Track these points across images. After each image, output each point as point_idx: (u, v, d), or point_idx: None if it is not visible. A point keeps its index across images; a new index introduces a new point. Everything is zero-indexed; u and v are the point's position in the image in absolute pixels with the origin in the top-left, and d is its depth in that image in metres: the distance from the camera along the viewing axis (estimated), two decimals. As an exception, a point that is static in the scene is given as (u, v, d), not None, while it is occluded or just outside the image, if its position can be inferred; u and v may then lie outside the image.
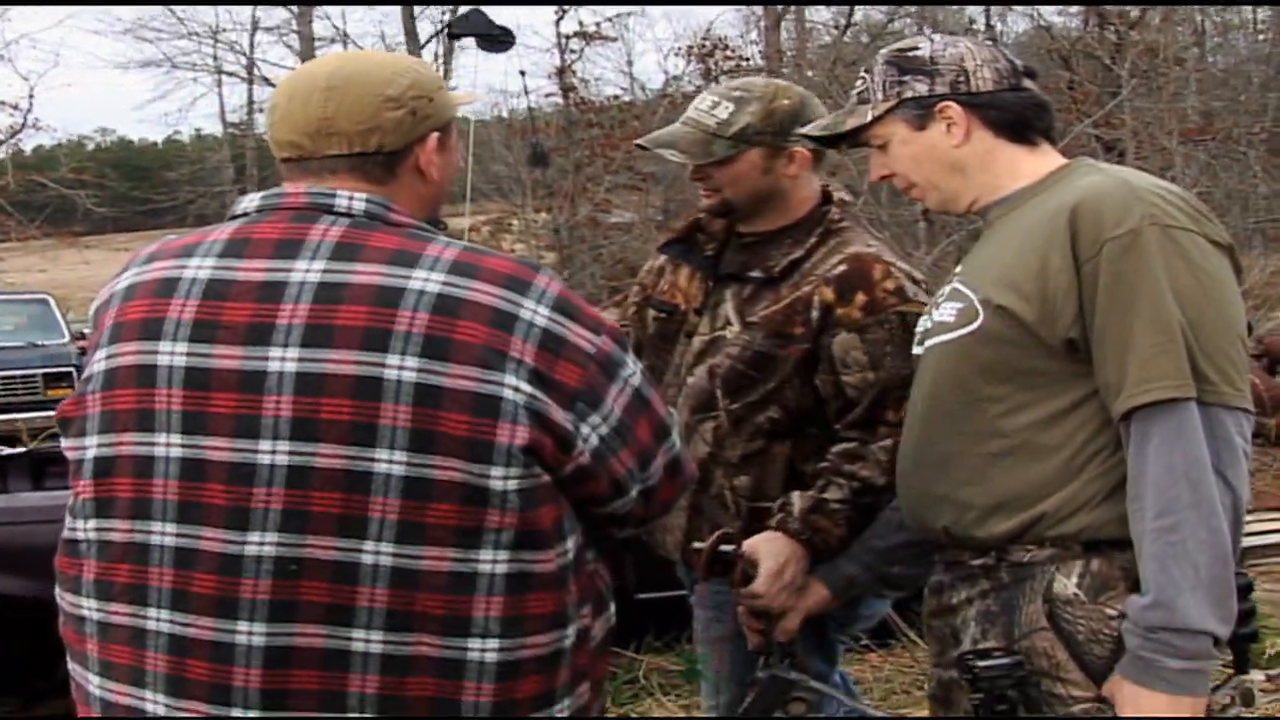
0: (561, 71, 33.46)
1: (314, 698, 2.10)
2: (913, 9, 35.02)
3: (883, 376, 3.31)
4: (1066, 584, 2.51)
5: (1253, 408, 2.42)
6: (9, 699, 6.07)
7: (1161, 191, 2.45)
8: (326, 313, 2.11)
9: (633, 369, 2.27)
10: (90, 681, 2.23)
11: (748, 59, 31.95)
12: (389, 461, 2.07)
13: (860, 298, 3.36)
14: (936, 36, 2.80)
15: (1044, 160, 2.71)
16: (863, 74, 2.86)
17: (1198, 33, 29.26)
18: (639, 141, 3.58)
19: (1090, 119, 20.66)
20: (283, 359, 2.10)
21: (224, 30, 40.72)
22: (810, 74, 31.69)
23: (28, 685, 6.00)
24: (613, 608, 2.36)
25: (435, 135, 2.33)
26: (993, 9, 35.15)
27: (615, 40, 37.80)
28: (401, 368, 2.07)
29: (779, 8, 33.42)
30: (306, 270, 2.15)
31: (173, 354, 2.15)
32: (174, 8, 39.60)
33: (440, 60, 38.46)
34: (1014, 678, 2.47)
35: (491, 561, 2.11)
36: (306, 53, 38.23)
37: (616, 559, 2.23)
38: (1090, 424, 2.47)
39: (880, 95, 2.77)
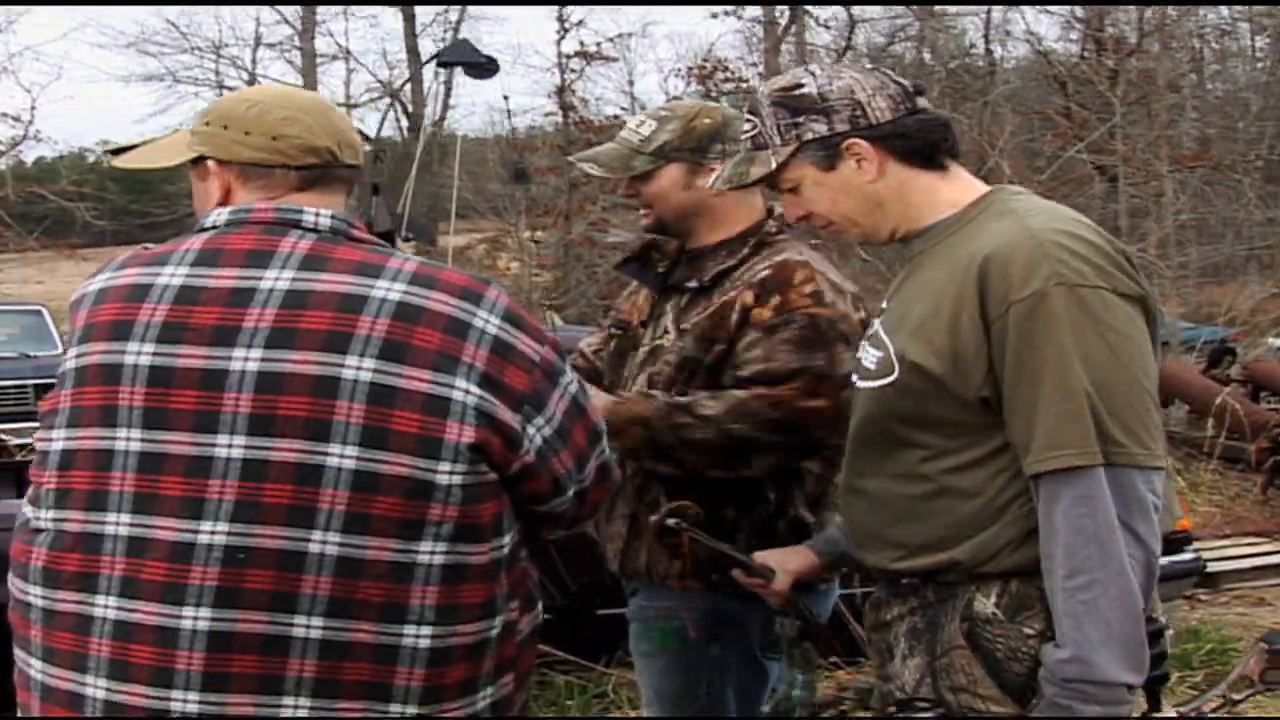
0: (561, 90, 33.62)
1: (253, 681, 2.18)
2: (913, 32, 35.24)
3: (772, 367, 3.33)
4: (985, 604, 2.52)
5: (1164, 463, 2.43)
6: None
7: (1069, 243, 2.43)
8: (292, 317, 2.22)
9: (570, 378, 2.40)
10: (32, 666, 2.29)
11: (746, 80, 32.07)
12: (340, 456, 2.17)
13: (775, 299, 3.38)
14: (818, 70, 2.72)
15: (960, 187, 2.68)
16: (749, 116, 2.79)
17: (1196, 59, 29.29)
18: (570, 158, 3.63)
19: (1080, 145, 20.64)
20: (245, 359, 2.21)
21: (226, 45, 40.81)
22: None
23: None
24: (540, 605, 2.45)
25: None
26: (992, 34, 35.37)
27: (616, 60, 38.02)
28: (359, 368, 2.19)
29: (779, 30, 33.56)
30: (276, 278, 2.27)
31: (139, 354, 2.24)
32: (177, 23, 39.67)
33: (441, 79, 38.57)
34: None
35: (430, 552, 2.21)
36: (308, 69, 38.31)
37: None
38: (1008, 471, 2.47)
39: (778, 140, 2.70)
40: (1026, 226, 2.47)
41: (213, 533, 2.18)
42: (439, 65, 3.91)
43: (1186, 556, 7.35)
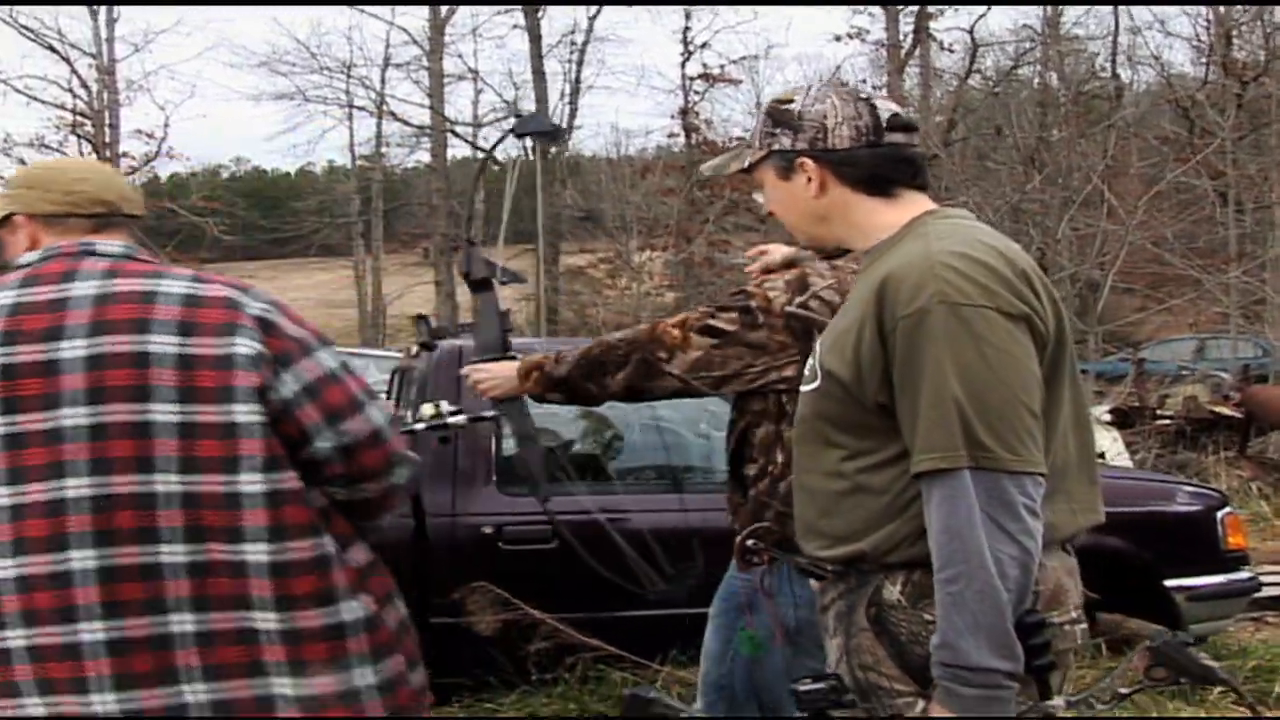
0: (684, 112, 33.85)
1: (140, 605, 2.67)
2: (1038, 53, 35.03)
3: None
4: (892, 591, 2.70)
5: (1037, 468, 2.56)
6: None
7: (959, 264, 2.58)
8: (104, 311, 2.77)
9: (328, 357, 2.89)
10: None
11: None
12: (164, 412, 2.69)
13: None
14: (813, 89, 2.93)
15: (903, 211, 2.85)
16: (757, 117, 3.08)
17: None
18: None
19: (1180, 170, 20.45)
20: (73, 348, 2.72)
21: (355, 65, 41.57)
22: (937, 118, 31.82)
23: None
24: (363, 542, 2.95)
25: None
26: (1119, 59, 35.07)
27: (740, 82, 38.24)
28: (164, 344, 2.72)
29: (902, 54, 33.54)
30: (85, 286, 2.82)
31: None
32: (308, 44, 40.37)
33: (567, 98, 39.01)
34: (829, 699, 2.70)
35: (250, 481, 2.71)
36: (435, 89, 38.82)
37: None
38: (909, 473, 2.62)
39: (757, 143, 2.97)
40: (927, 248, 2.66)
41: (78, 487, 2.67)
42: (516, 137, 4.19)
43: (1242, 575, 7.40)
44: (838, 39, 34.98)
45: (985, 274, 2.59)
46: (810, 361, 2.91)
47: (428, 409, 4.81)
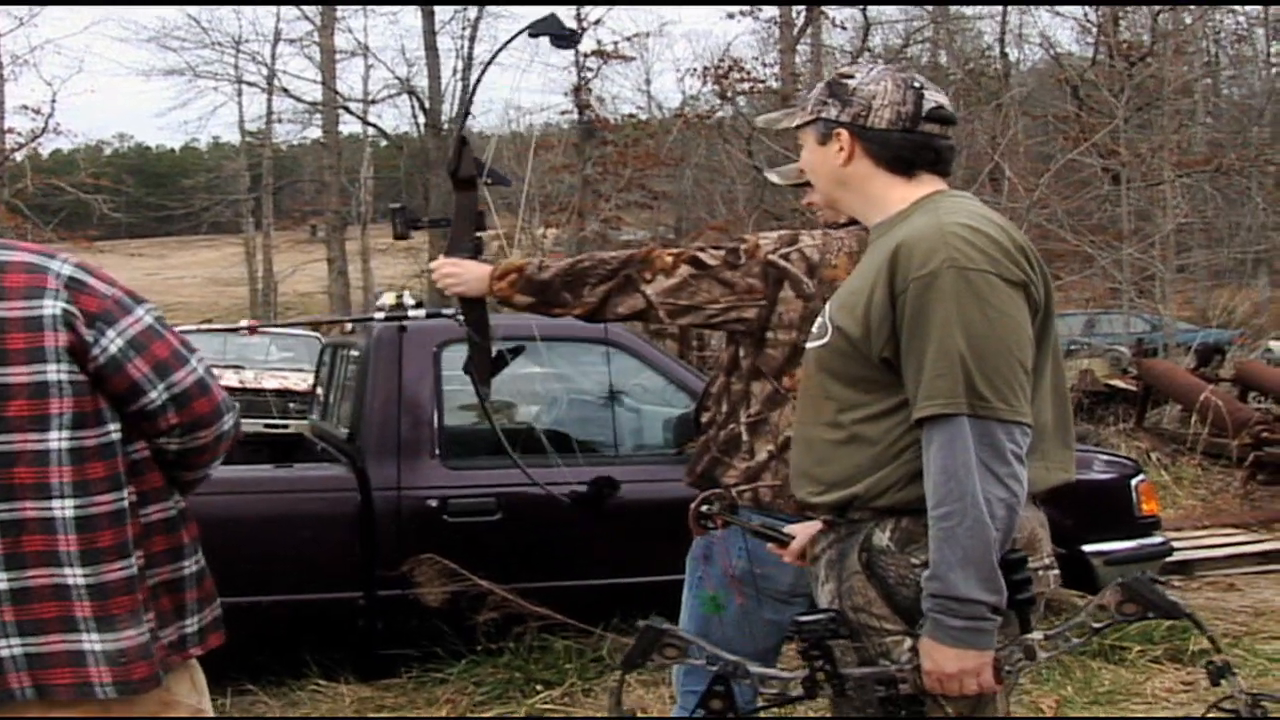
0: (578, 89, 33.82)
1: None
2: (928, 33, 35.41)
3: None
4: (881, 537, 2.95)
5: (1026, 419, 2.83)
6: None
7: (967, 234, 2.85)
8: None
9: (144, 312, 2.91)
10: None
11: (763, 81, 32.24)
12: None
13: None
14: (874, 70, 3.16)
15: (914, 190, 3.10)
16: (815, 85, 3.33)
17: (1210, 65, 29.41)
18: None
19: (1080, 148, 20.82)
20: None
21: (247, 40, 41.20)
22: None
23: None
24: (175, 498, 3.04)
25: None
26: (1007, 38, 35.53)
27: (633, 59, 38.22)
28: None
29: (794, 31, 33.72)
30: None
31: None
32: (198, 18, 39.90)
33: (459, 75, 38.88)
34: (828, 629, 2.93)
35: (58, 439, 2.76)
36: (327, 64, 38.57)
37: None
38: (905, 423, 2.89)
39: (809, 108, 3.19)
40: (938, 220, 2.91)
41: None
42: (530, 35, 4.22)
43: (1155, 540, 7.71)
44: (730, 16, 34.92)
45: (990, 244, 2.84)
46: (820, 319, 3.13)
47: (389, 297, 4.84)
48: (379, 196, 45.05)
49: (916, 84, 3.12)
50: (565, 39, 4.28)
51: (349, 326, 7.63)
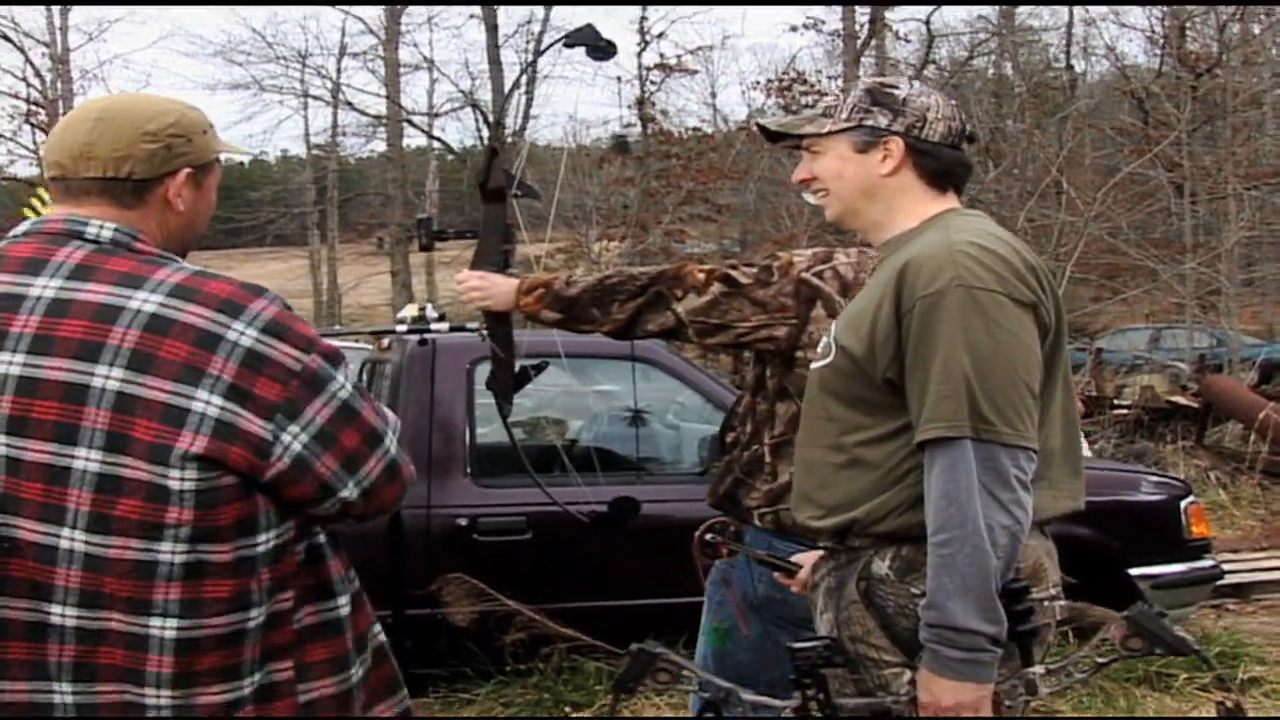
0: (641, 102, 33.87)
1: (24, 667, 2.36)
2: (993, 45, 35.23)
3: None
4: (881, 565, 2.87)
5: (1032, 444, 2.73)
6: None
7: (976, 253, 2.77)
8: (52, 324, 2.35)
9: (341, 383, 2.47)
10: None
11: (827, 94, 32.14)
12: (86, 459, 2.30)
13: None
14: (918, 84, 3.12)
15: (934, 206, 3.04)
16: (838, 91, 3.20)
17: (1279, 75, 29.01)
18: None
19: (1138, 161, 20.60)
20: (9, 363, 2.34)
21: (311, 55, 41.41)
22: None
23: None
24: (341, 599, 2.59)
25: (186, 171, 2.57)
26: (1073, 49, 35.29)
27: (696, 73, 38.24)
28: (108, 377, 2.31)
29: (858, 44, 33.63)
30: (44, 286, 2.40)
31: None
32: (264, 33, 40.18)
33: (523, 89, 38.96)
34: (822, 657, 2.84)
35: (171, 551, 2.32)
36: (391, 78, 38.73)
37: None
38: (907, 447, 2.81)
39: (845, 115, 3.08)
40: (947, 238, 2.83)
41: None
42: (565, 45, 4.16)
43: (1205, 564, 7.53)
44: (794, 29, 35.10)
45: (999, 263, 2.76)
46: (825, 339, 3.05)
47: (411, 310, 4.76)
48: (444, 209, 45.20)
49: (955, 104, 3.09)
50: (601, 50, 4.20)
51: (385, 341, 7.58)
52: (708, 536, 3.64)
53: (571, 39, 4.19)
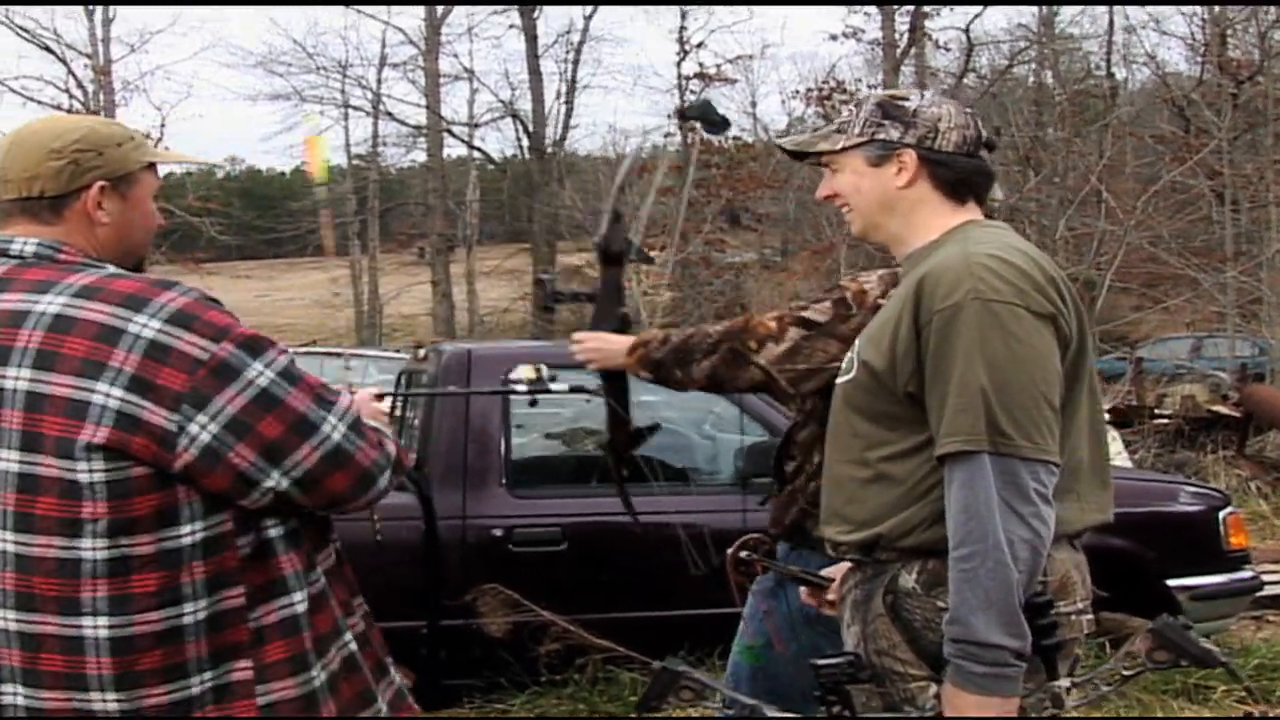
0: (681, 112, 33.89)
1: None
2: (1033, 53, 35.10)
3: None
4: (908, 579, 2.85)
5: (1052, 457, 2.70)
6: None
7: (994, 265, 2.75)
8: None
9: (260, 370, 2.43)
10: None
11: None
12: (6, 460, 2.34)
13: None
14: (928, 94, 3.11)
15: (955, 218, 3.02)
16: (851, 106, 3.20)
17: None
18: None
19: (1179, 170, 20.50)
20: None
21: (351, 65, 41.51)
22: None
23: None
24: (298, 596, 2.53)
25: (100, 184, 2.59)
26: (1114, 57, 35.14)
27: (736, 82, 38.29)
28: (17, 378, 2.35)
29: (898, 53, 33.59)
30: None
31: None
32: (304, 43, 40.35)
33: (563, 98, 39.08)
34: (845, 673, 2.84)
35: (92, 548, 2.33)
36: (431, 88, 38.88)
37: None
38: (930, 461, 2.78)
39: (857, 130, 3.07)
40: (965, 251, 2.82)
41: None
42: (681, 118, 4.29)
43: (1244, 575, 7.48)
44: (833, 38, 35.06)
45: (1017, 275, 2.74)
46: (849, 354, 3.05)
47: (527, 371, 4.83)
48: (484, 219, 45.31)
49: (969, 109, 3.06)
50: (717, 125, 4.29)
51: (421, 353, 7.61)
52: (742, 554, 3.64)
53: (689, 112, 4.29)
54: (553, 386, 4.55)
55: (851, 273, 4.01)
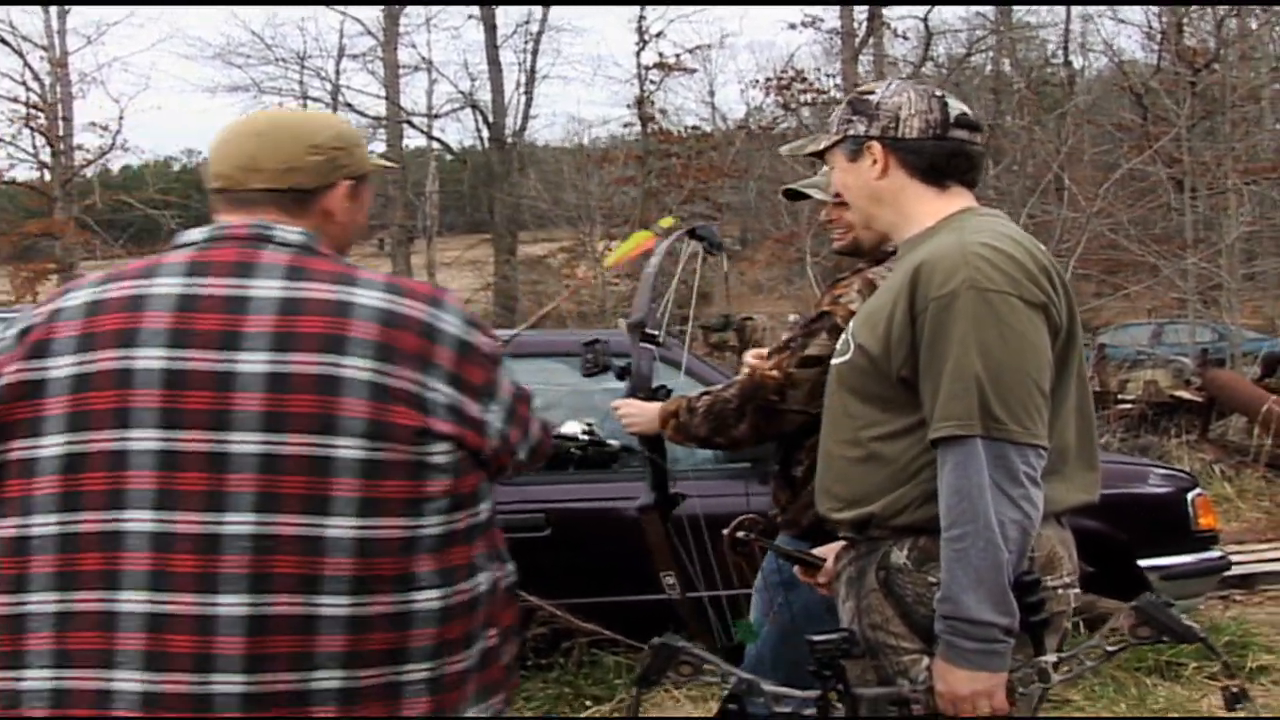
0: (640, 102, 33.94)
1: (288, 660, 2.31)
2: (991, 42, 35.28)
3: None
4: (899, 555, 2.96)
5: (1041, 441, 2.81)
6: None
7: (989, 254, 2.84)
8: (289, 322, 2.38)
9: (505, 364, 2.61)
10: (25, 679, 2.36)
11: (825, 91, 32.23)
12: (348, 448, 2.33)
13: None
14: (894, 84, 3.19)
15: (945, 204, 3.11)
16: (842, 106, 3.33)
17: (1277, 69, 29.10)
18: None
19: (1139, 158, 20.66)
20: (252, 361, 2.34)
21: (310, 57, 41.46)
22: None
23: None
24: (511, 564, 2.66)
25: (347, 183, 2.67)
26: (1071, 46, 35.36)
27: (695, 72, 38.28)
28: (358, 368, 2.35)
29: (856, 42, 33.69)
30: (267, 287, 2.42)
31: (149, 359, 2.37)
32: (262, 35, 40.20)
33: (522, 88, 39.06)
34: (840, 649, 2.91)
35: (431, 524, 2.39)
36: (390, 79, 38.80)
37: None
38: (922, 443, 2.89)
39: (835, 129, 3.22)
40: (961, 239, 2.91)
41: (239, 523, 2.30)
42: (688, 236, 4.48)
43: (1213, 555, 7.62)
44: (792, 27, 35.32)
45: (1011, 265, 2.84)
46: (844, 336, 3.14)
47: (575, 428, 4.95)
48: (444, 210, 45.22)
49: (938, 93, 3.15)
50: (718, 247, 4.64)
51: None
52: (739, 534, 3.70)
53: (696, 232, 4.50)
54: (608, 444, 4.73)
55: (825, 287, 4.07)
